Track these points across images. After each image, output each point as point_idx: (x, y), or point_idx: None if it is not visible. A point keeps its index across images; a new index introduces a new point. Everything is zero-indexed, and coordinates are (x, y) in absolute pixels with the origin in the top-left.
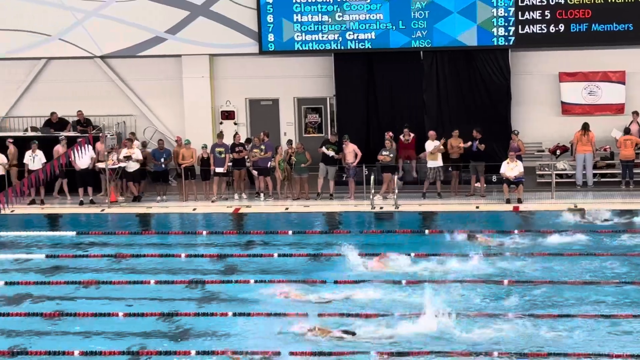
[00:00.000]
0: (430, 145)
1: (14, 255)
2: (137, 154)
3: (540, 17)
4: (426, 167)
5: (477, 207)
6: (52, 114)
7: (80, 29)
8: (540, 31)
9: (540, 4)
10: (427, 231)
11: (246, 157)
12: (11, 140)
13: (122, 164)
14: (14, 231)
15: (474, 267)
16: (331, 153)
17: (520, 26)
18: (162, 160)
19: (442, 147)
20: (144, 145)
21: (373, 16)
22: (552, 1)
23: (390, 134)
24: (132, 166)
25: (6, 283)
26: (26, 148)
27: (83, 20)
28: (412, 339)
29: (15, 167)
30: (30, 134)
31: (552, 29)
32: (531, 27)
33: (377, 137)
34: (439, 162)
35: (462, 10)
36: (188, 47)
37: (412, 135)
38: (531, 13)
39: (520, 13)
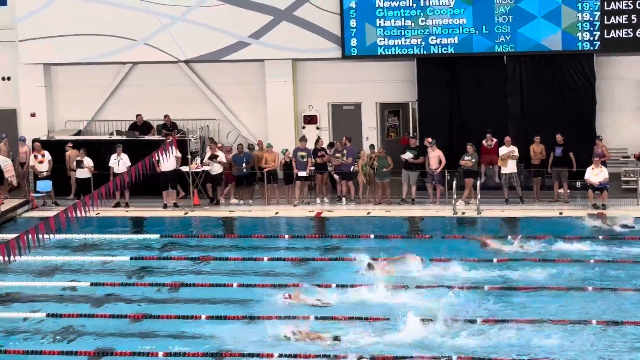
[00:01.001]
0: (503, 150)
1: (99, 257)
2: (221, 156)
3: (626, 22)
4: (502, 174)
5: (561, 213)
6: (138, 115)
7: (165, 34)
8: (626, 36)
9: (626, 8)
10: (509, 237)
11: (328, 161)
12: (71, 145)
13: (205, 167)
14: (99, 234)
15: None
16: (409, 155)
17: (605, 31)
18: (243, 164)
19: (514, 154)
20: (228, 151)
21: (456, 21)
22: (639, 5)
23: (472, 147)
24: (216, 169)
25: (92, 284)
26: (112, 152)
27: (168, 25)
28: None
29: (74, 172)
30: (115, 137)
31: (639, 34)
32: (617, 31)
33: (459, 142)
34: (511, 168)
35: (547, 15)
36: (271, 51)
37: (494, 140)
38: (617, 17)
39: (605, 17)
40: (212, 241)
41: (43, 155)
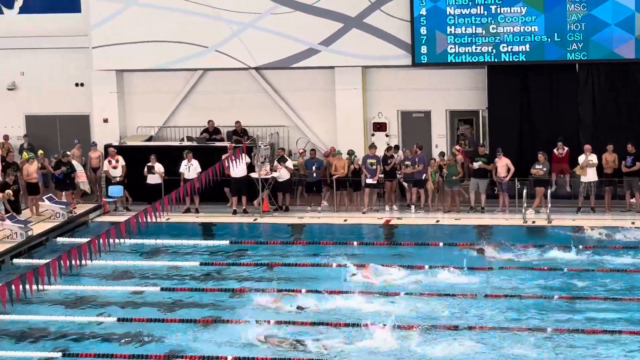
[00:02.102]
0: (582, 159)
1: (169, 262)
2: (288, 162)
3: None
4: (580, 182)
5: (633, 223)
6: (209, 121)
7: (236, 41)
8: None
9: None
10: (581, 246)
11: (397, 168)
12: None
13: (274, 174)
14: (169, 239)
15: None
16: (478, 164)
17: None
18: (314, 169)
19: (591, 161)
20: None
21: (528, 28)
22: None
23: (543, 156)
24: (284, 176)
25: (162, 289)
26: (182, 157)
27: (239, 32)
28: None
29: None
30: (186, 143)
31: None
32: None
33: (530, 151)
34: (591, 177)
35: (620, 22)
36: (341, 58)
37: (566, 149)
38: None
39: None
40: (280, 247)
41: (117, 161)
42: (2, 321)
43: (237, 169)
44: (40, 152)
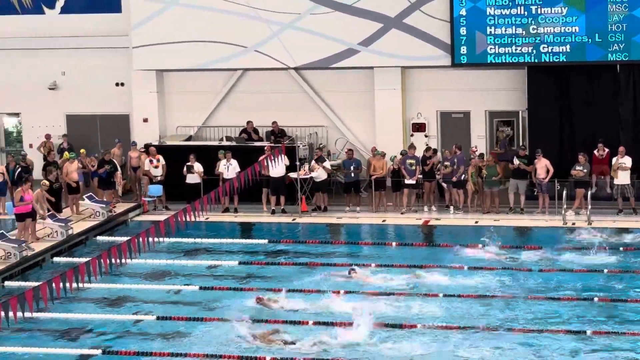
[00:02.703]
0: (615, 160)
1: (208, 261)
2: (326, 162)
3: None
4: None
5: None
6: (248, 122)
7: (275, 41)
8: None
9: None
10: (621, 248)
11: (436, 169)
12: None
13: (312, 174)
14: (208, 238)
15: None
16: (517, 162)
17: None
18: (352, 169)
19: (625, 165)
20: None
21: (568, 29)
22: None
23: (584, 157)
24: (321, 176)
25: (201, 288)
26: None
27: (278, 33)
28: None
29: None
30: (225, 143)
31: None
32: None
33: (570, 152)
34: (623, 179)
35: None
36: (381, 59)
37: (606, 150)
38: None
39: None
40: (319, 247)
41: (158, 160)
42: (43, 319)
43: (276, 169)
44: (82, 150)
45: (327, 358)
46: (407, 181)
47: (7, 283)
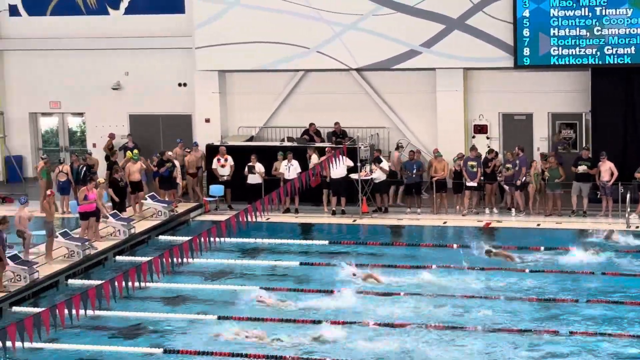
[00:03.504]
0: None
1: (269, 262)
2: (384, 164)
3: None
4: None
5: None
6: (311, 124)
7: (337, 42)
8: None
9: None
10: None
11: (498, 171)
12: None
13: (373, 176)
14: (269, 238)
15: None
16: (584, 167)
17: None
18: (414, 171)
19: None
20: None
21: (633, 30)
22: None
23: None
24: (379, 177)
25: (261, 289)
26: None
27: (340, 34)
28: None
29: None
30: (286, 144)
31: None
32: None
33: (635, 155)
34: None
35: None
36: (442, 60)
37: None
38: None
39: None
40: (379, 249)
41: (226, 160)
42: (105, 317)
43: (337, 170)
44: (136, 151)
45: None
46: (468, 183)
47: (70, 281)
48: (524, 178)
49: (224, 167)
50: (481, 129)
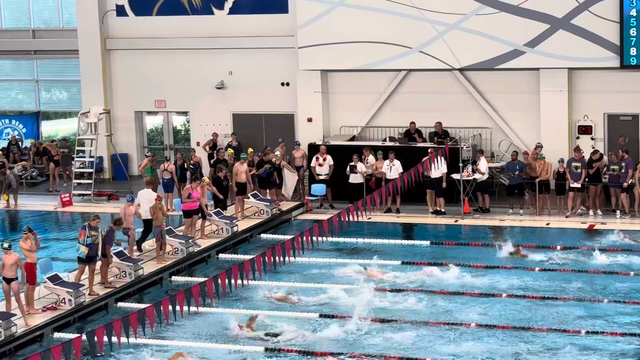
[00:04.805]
0: None
1: (370, 261)
2: (482, 163)
3: None
4: None
5: None
6: (411, 123)
7: (440, 42)
8: None
9: None
10: None
11: (602, 172)
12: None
13: (476, 176)
14: (369, 238)
15: None
16: None
17: None
18: (516, 172)
19: None
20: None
21: None
22: None
23: None
24: (479, 177)
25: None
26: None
27: (443, 33)
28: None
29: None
30: (388, 143)
31: None
32: None
33: None
34: None
35: None
36: (547, 60)
37: None
38: None
39: None
40: (481, 250)
41: (324, 159)
42: (207, 314)
43: (437, 170)
44: (250, 150)
45: None
46: (572, 184)
47: (174, 278)
48: (630, 180)
49: (321, 166)
50: (586, 130)
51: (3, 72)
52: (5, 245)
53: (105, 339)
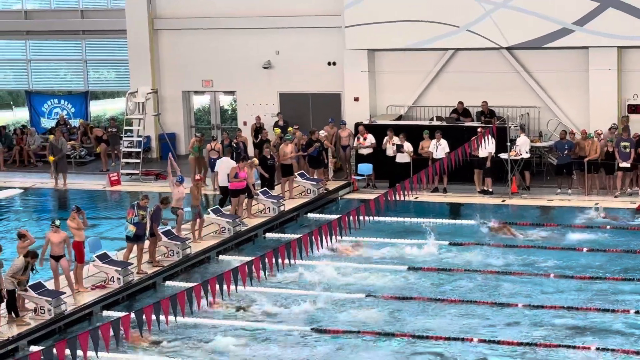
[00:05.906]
0: None
1: (414, 241)
2: (524, 140)
3: None
4: None
5: None
6: (459, 102)
7: (488, 21)
8: None
9: None
10: None
11: None
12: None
13: (524, 155)
14: (417, 217)
15: None
16: None
17: None
18: (565, 151)
19: None
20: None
21: None
22: None
23: None
24: (527, 155)
25: (409, 269)
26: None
27: (491, 12)
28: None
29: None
30: (435, 123)
31: None
32: None
33: None
34: None
35: None
36: (596, 38)
37: None
38: None
39: None
40: (529, 229)
41: (365, 139)
42: (252, 293)
43: (484, 150)
44: (290, 129)
45: None
46: (621, 164)
47: (221, 257)
48: None
49: (363, 145)
50: (635, 109)
51: (52, 52)
52: (57, 222)
53: (154, 317)
